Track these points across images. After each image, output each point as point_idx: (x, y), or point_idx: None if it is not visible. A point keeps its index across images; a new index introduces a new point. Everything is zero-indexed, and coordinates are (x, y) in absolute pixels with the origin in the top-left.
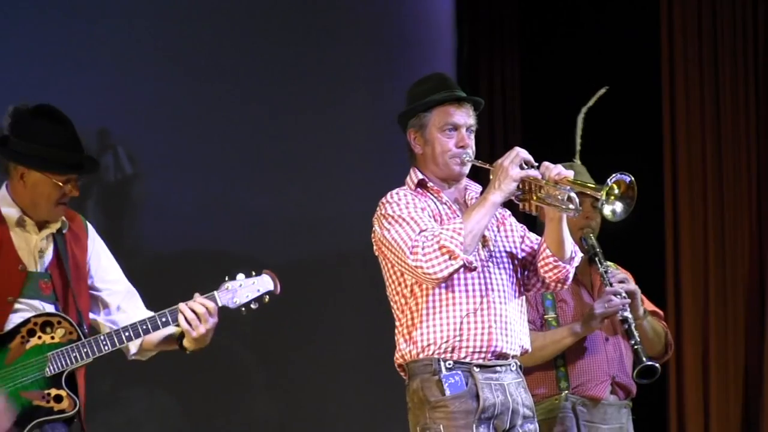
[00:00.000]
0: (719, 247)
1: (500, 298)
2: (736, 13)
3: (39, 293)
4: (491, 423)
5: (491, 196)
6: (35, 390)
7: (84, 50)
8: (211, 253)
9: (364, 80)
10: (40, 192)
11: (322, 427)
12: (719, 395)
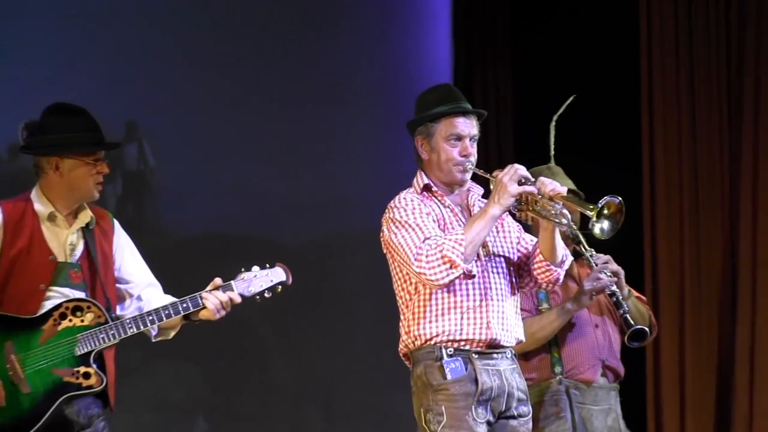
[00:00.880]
0: (694, 241)
1: (498, 295)
2: (710, 27)
3: (69, 281)
4: (488, 405)
5: (491, 209)
6: (66, 368)
7: (108, 47)
8: (228, 236)
9: (371, 83)
10: (76, 175)
11: (333, 392)
12: (694, 378)
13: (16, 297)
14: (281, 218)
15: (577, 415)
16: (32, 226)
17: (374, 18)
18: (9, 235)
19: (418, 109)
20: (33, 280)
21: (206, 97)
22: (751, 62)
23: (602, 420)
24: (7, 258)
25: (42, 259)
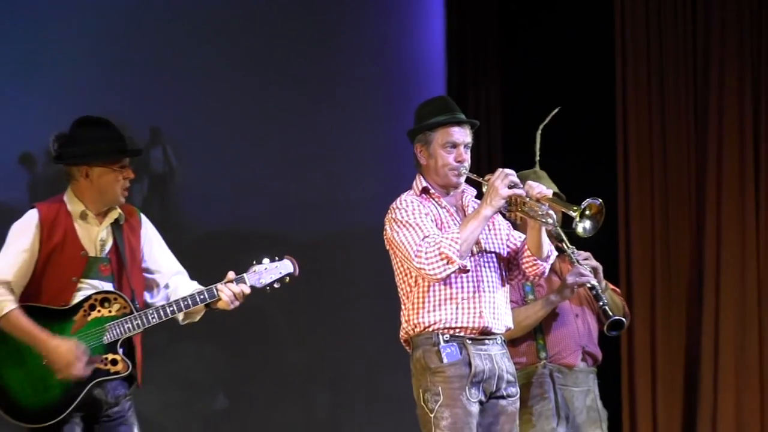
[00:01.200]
0: (664, 240)
1: (489, 287)
2: (677, 40)
3: (99, 274)
4: (480, 386)
5: (483, 210)
6: (95, 355)
7: (135, 60)
8: (242, 231)
9: (373, 95)
10: (104, 181)
11: (340, 371)
12: (663, 362)
13: (50, 289)
14: (291, 214)
15: (560, 396)
16: (66, 224)
17: (377, 36)
18: (45, 233)
19: (417, 119)
20: (66, 273)
21: (223, 105)
22: (715, 71)
23: (582, 400)
24: (45, 252)
25: (74, 254)
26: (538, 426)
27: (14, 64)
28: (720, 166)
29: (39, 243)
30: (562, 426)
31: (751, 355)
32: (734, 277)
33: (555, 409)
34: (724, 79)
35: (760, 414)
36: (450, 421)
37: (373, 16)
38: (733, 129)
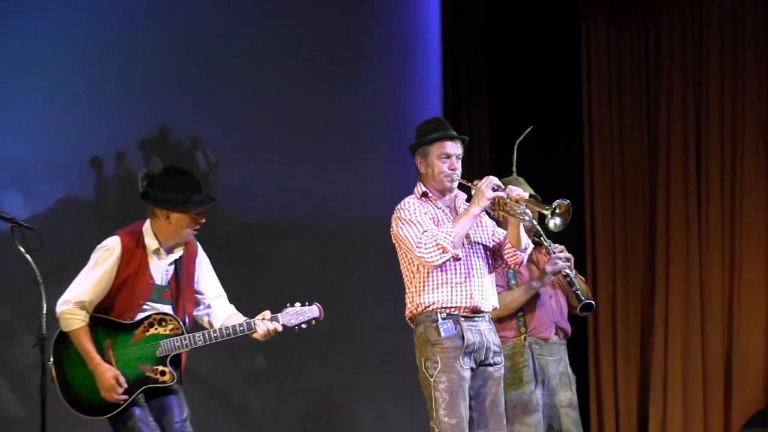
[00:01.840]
0: (622, 233)
1: (478, 273)
2: (633, 64)
3: (161, 299)
4: (472, 355)
5: (472, 209)
6: (148, 365)
7: (181, 73)
8: (275, 221)
9: (382, 116)
10: (181, 224)
11: (356, 337)
12: (622, 335)
13: (121, 307)
14: (316, 207)
15: (537, 364)
16: (141, 257)
17: (388, 65)
18: (124, 263)
19: (417, 136)
20: (136, 297)
21: (257, 113)
22: (665, 86)
23: (555, 367)
24: (120, 278)
25: (145, 282)
26: (520, 389)
27: (87, 78)
28: (668, 176)
29: (117, 270)
30: (539, 389)
31: (694, 328)
32: (680, 266)
33: (533, 374)
34: (672, 96)
35: (702, 375)
36: (447, 384)
37: (385, 50)
38: (679, 139)
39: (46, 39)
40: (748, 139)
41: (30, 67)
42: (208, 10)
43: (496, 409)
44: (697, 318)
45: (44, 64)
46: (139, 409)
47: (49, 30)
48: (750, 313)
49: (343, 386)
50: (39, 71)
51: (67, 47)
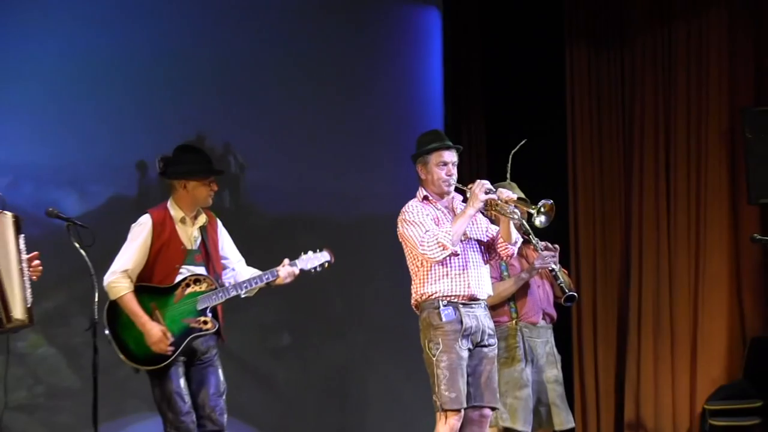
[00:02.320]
0: (600, 230)
1: (474, 265)
2: (610, 85)
3: (194, 261)
4: (469, 338)
5: (468, 210)
6: (191, 317)
7: (215, 86)
8: (298, 217)
9: (394, 121)
10: (198, 191)
11: (369, 318)
12: (602, 320)
13: (160, 274)
14: (333, 204)
15: (527, 345)
16: (170, 226)
17: (397, 84)
18: (156, 234)
19: (418, 146)
20: (171, 262)
21: (282, 120)
22: (638, 100)
23: (542, 348)
24: (156, 247)
25: (177, 248)
26: (512, 367)
27: (133, 91)
28: (641, 179)
29: (151, 241)
30: (528, 367)
31: (663, 314)
32: (652, 260)
33: (524, 354)
34: (644, 118)
35: (671, 355)
36: (447, 363)
37: (396, 73)
38: (650, 146)
39: (98, 56)
40: (711, 146)
41: (85, 81)
42: (240, 33)
43: (491, 384)
44: (666, 305)
45: (97, 79)
46: (177, 379)
47: (101, 47)
48: (713, 301)
49: (357, 362)
50: (92, 86)
51: (116, 65)
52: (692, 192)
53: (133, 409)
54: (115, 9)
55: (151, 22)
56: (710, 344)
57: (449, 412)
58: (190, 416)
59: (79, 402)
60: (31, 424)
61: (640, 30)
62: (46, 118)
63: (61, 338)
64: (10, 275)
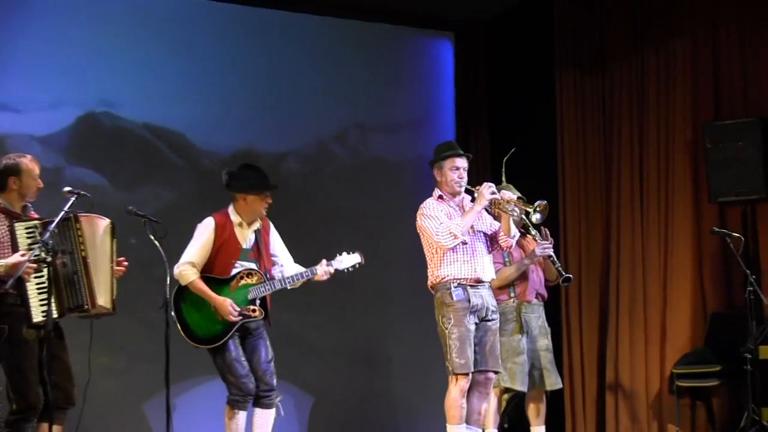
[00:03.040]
0: (584, 227)
1: (480, 253)
2: (594, 109)
3: (248, 258)
4: (476, 314)
5: (475, 207)
6: (243, 305)
7: (267, 106)
8: (339, 213)
9: (417, 131)
10: (255, 204)
11: (395, 293)
12: (586, 300)
13: (219, 267)
14: (364, 203)
15: (524, 320)
16: (230, 229)
17: (417, 104)
18: (218, 234)
19: (435, 154)
20: (229, 257)
21: (317, 132)
22: (616, 116)
23: (536, 322)
24: (217, 244)
25: (234, 246)
26: (511, 337)
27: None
28: (619, 181)
29: (213, 239)
30: (524, 338)
31: (638, 295)
32: (628, 249)
33: (520, 327)
34: (621, 131)
35: (644, 327)
36: (457, 335)
37: (414, 91)
38: (626, 153)
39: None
40: (677, 154)
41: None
42: (282, 60)
43: (494, 352)
44: (641, 287)
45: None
46: (235, 349)
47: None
48: (679, 283)
49: (382, 333)
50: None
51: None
52: (662, 192)
53: (200, 373)
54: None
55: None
56: (677, 319)
57: (459, 375)
58: (249, 378)
59: (154, 366)
60: (114, 384)
61: (618, 57)
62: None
63: (141, 314)
64: (98, 270)
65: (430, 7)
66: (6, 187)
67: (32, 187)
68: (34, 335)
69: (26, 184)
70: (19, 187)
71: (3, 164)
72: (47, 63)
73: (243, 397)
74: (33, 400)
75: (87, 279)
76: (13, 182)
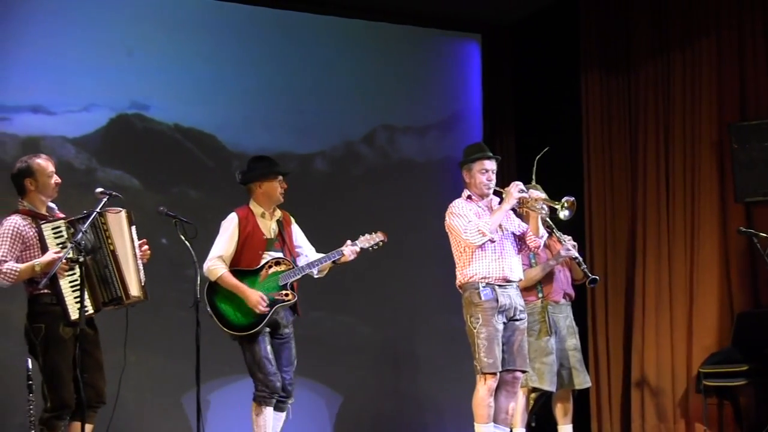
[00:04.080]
0: (611, 224)
1: (508, 253)
2: (620, 108)
3: (273, 248)
4: (504, 313)
5: (504, 206)
6: (275, 291)
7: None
8: (359, 211)
9: (447, 133)
10: (270, 188)
11: (424, 287)
12: (612, 298)
13: (247, 259)
14: (392, 200)
15: (551, 319)
16: (253, 221)
17: (448, 107)
18: (242, 227)
19: (464, 155)
20: (256, 249)
21: (345, 130)
22: (642, 116)
23: (564, 321)
24: (242, 237)
25: (259, 238)
26: (539, 338)
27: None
28: (645, 180)
29: (238, 232)
30: (552, 337)
31: (664, 293)
32: (653, 249)
33: (548, 327)
34: (647, 132)
35: (670, 327)
36: (486, 334)
37: (442, 92)
38: (652, 153)
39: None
40: (703, 154)
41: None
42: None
43: (522, 351)
44: (666, 286)
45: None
46: (265, 346)
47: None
48: (705, 282)
49: (408, 333)
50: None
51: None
52: (687, 192)
53: (228, 372)
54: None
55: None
56: (703, 318)
57: (487, 374)
58: (276, 376)
59: (185, 363)
60: (145, 379)
61: (643, 58)
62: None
63: (171, 313)
64: (127, 261)
65: (457, 9)
66: (25, 190)
67: (49, 185)
68: (70, 333)
69: (42, 183)
70: (37, 187)
71: (16, 168)
72: (80, 66)
73: (270, 394)
74: (67, 399)
75: (118, 271)
76: (30, 183)
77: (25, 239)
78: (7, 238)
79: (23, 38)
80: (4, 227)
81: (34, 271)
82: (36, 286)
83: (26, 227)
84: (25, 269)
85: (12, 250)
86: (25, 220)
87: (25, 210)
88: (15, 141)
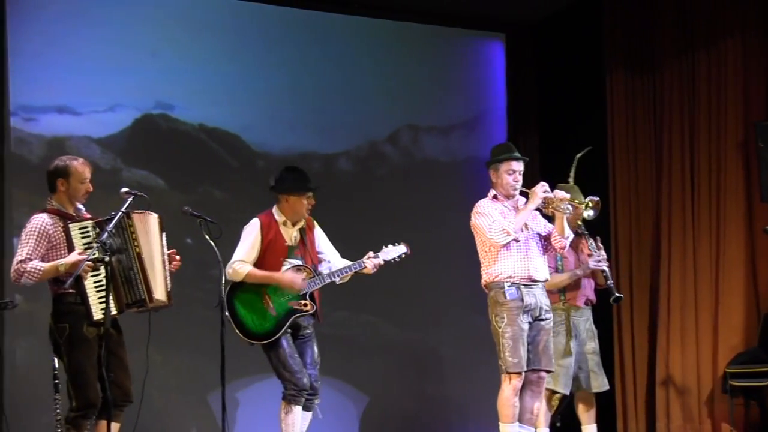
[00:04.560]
0: (636, 225)
1: (534, 253)
2: (645, 110)
3: (294, 255)
4: (529, 313)
5: (529, 206)
6: (295, 300)
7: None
8: (383, 211)
9: (471, 134)
10: (297, 204)
11: (450, 287)
12: (637, 303)
13: (267, 264)
14: (416, 201)
15: (572, 322)
16: (275, 228)
17: (473, 108)
18: (264, 233)
19: (491, 156)
20: (277, 255)
21: (370, 130)
22: (666, 116)
23: (583, 325)
24: (264, 243)
25: (281, 245)
26: (559, 339)
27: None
28: (670, 179)
29: (261, 238)
30: (572, 340)
31: (689, 292)
32: (678, 249)
33: (568, 329)
34: (672, 132)
35: (695, 327)
36: (511, 334)
37: (467, 92)
38: (677, 153)
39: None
40: (729, 153)
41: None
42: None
43: (547, 351)
44: (692, 286)
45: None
46: (288, 346)
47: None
48: (731, 282)
49: (435, 331)
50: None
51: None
52: (713, 192)
53: (254, 371)
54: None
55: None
56: (729, 318)
57: (512, 374)
58: (303, 373)
59: (210, 362)
60: (172, 378)
61: (668, 57)
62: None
63: (196, 312)
64: (153, 264)
65: (481, 8)
66: (56, 189)
67: (80, 190)
68: (94, 333)
69: (74, 187)
70: (67, 189)
71: (54, 165)
72: (105, 67)
73: (298, 392)
74: (93, 398)
75: (143, 274)
76: (61, 184)
77: (51, 238)
78: (32, 237)
79: (48, 39)
80: (31, 225)
81: (58, 271)
82: (61, 286)
83: (53, 226)
84: (49, 269)
85: (37, 249)
86: (53, 219)
87: (53, 209)
88: (41, 141)
